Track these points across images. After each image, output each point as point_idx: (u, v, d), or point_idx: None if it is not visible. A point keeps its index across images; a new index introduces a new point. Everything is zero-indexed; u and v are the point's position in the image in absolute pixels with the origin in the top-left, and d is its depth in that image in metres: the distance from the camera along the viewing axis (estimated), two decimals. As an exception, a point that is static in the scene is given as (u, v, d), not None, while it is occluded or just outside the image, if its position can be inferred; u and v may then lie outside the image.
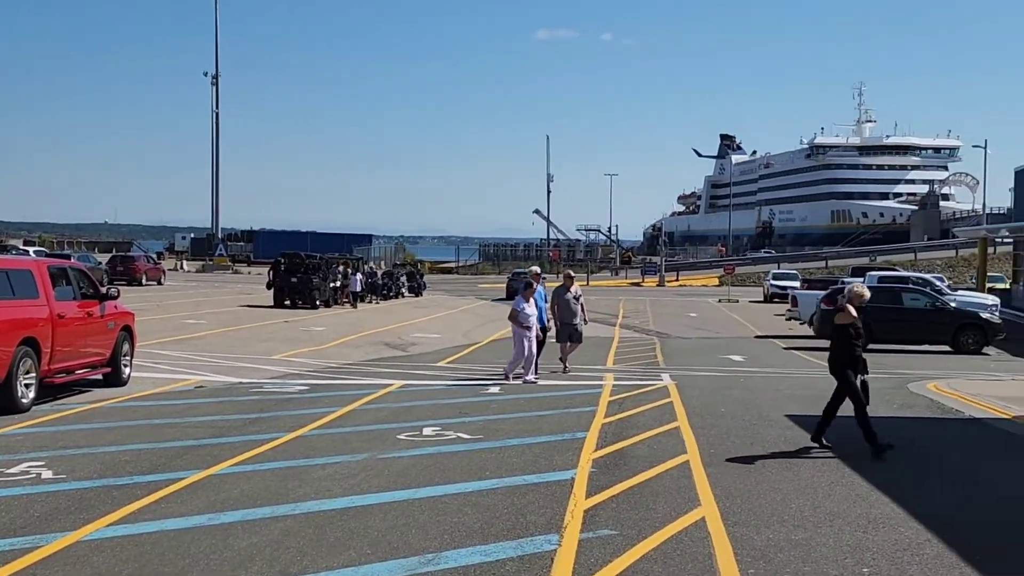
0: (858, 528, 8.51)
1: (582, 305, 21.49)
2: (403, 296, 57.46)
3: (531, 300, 19.89)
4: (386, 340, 29.88)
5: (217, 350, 24.18)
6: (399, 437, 12.53)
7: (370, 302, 48.83)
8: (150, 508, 8.69)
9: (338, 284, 45.40)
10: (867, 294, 12.54)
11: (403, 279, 59.60)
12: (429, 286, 66.24)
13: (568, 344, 21.36)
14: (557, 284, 22.09)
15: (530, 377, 19.14)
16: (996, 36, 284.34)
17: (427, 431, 13.01)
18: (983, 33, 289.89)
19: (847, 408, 15.72)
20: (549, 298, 21.30)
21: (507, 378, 19.24)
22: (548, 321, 20.96)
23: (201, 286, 60.80)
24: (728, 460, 11.42)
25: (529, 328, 19.43)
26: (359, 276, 45.24)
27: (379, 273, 54.45)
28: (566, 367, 21.36)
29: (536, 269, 21.42)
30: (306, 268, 44.50)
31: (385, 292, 53.80)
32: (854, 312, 12.17)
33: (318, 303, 43.69)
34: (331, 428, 13.29)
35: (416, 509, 8.82)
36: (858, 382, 12.16)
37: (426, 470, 10.52)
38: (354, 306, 44.37)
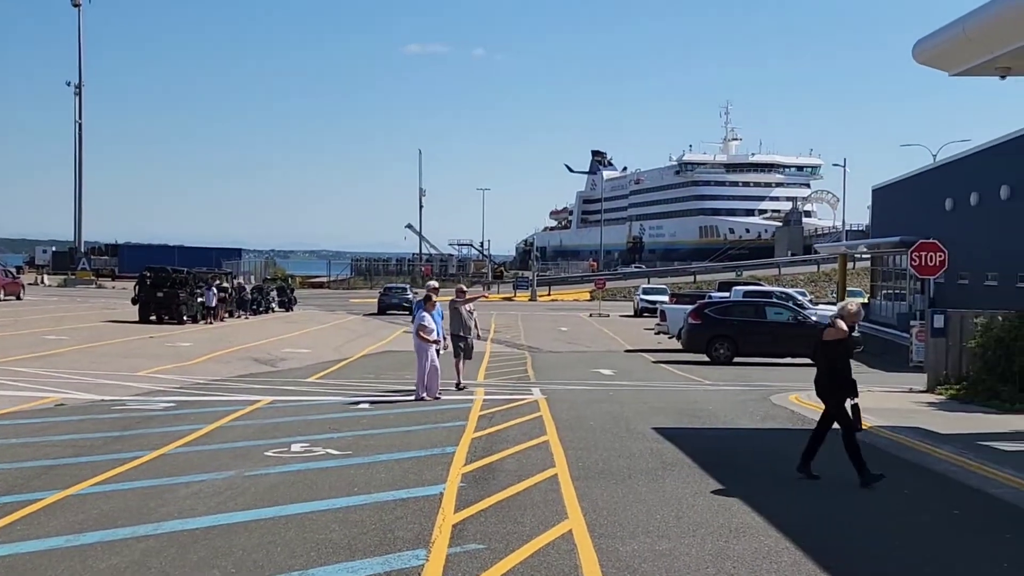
0: (720, 537, 8.72)
1: (475, 320, 21.39)
2: (273, 311, 56.70)
3: (435, 311, 19.49)
4: (255, 356, 29.47)
5: (79, 367, 23.54)
6: (267, 454, 12.38)
7: (238, 317, 47.91)
8: (5, 530, 8.43)
9: (203, 299, 44.32)
10: (861, 313, 11.60)
11: (273, 294, 58.81)
12: (300, 301, 65.50)
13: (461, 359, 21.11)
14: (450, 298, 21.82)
15: (436, 393, 18.82)
16: (857, 60, 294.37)
17: (296, 447, 12.88)
18: (845, 56, 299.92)
19: (715, 420, 16.08)
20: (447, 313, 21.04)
21: (420, 398, 18.62)
22: (445, 339, 20.35)
23: (63, 301, 59.06)
24: (596, 473, 11.57)
25: (434, 343, 18.97)
26: (213, 290, 44.19)
27: (248, 288, 53.53)
28: (460, 383, 20.81)
29: (434, 283, 20.99)
30: (173, 283, 43.63)
31: (255, 307, 52.99)
32: (845, 327, 11.51)
33: (185, 318, 42.85)
34: (197, 446, 13.07)
35: (283, 527, 8.73)
36: (848, 405, 11.46)
37: (294, 487, 10.42)
38: (208, 321, 43.30)
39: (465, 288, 22.08)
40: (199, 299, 43.92)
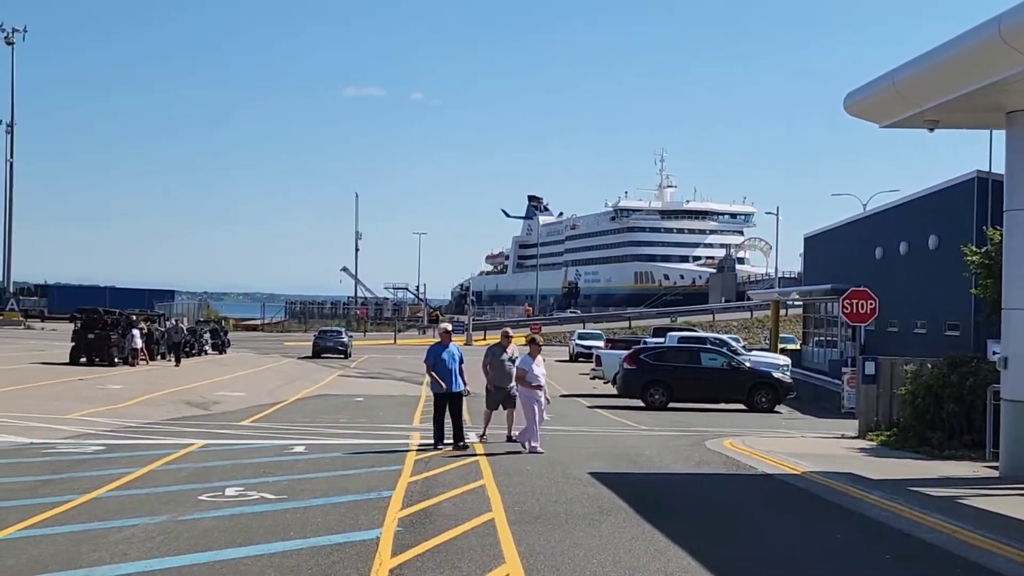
0: (656, 582, 8.76)
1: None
2: (206, 353, 56.05)
3: (538, 359, 18.45)
4: (188, 399, 29.10)
5: (6, 409, 23.08)
6: (200, 498, 12.23)
7: (169, 360, 46.97)
8: (-70, 576, 8.25)
9: (136, 344, 43.48)
10: None
11: (206, 336, 58.15)
12: (234, 343, 64.83)
13: (502, 409, 19.25)
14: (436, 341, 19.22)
15: (536, 445, 17.85)
16: (790, 110, 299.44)
17: (230, 491, 12.74)
18: (778, 106, 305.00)
19: (651, 465, 16.19)
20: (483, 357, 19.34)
21: (524, 447, 17.82)
22: (466, 386, 18.53)
23: (-11, 342, 57.93)
24: (533, 517, 11.57)
25: (539, 388, 18.18)
26: (136, 331, 43.47)
27: (184, 329, 52.82)
28: (484, 434, 19.30)
29: (447, 326, 19.64)
30: (104, 324, 43.01)
31: (187, 349, 52.32)
32: None
33: (116, 360, 42.21)
34: (128, 489, 12.87)
35: (217, 572, 8.63)
36: None
37: (228, 531, 10.30)
38: (129, 363, 42.43)
39: (510, 333, 20.07)
40: (130, 343, 43.22)
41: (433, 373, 18.29)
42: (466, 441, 18.08)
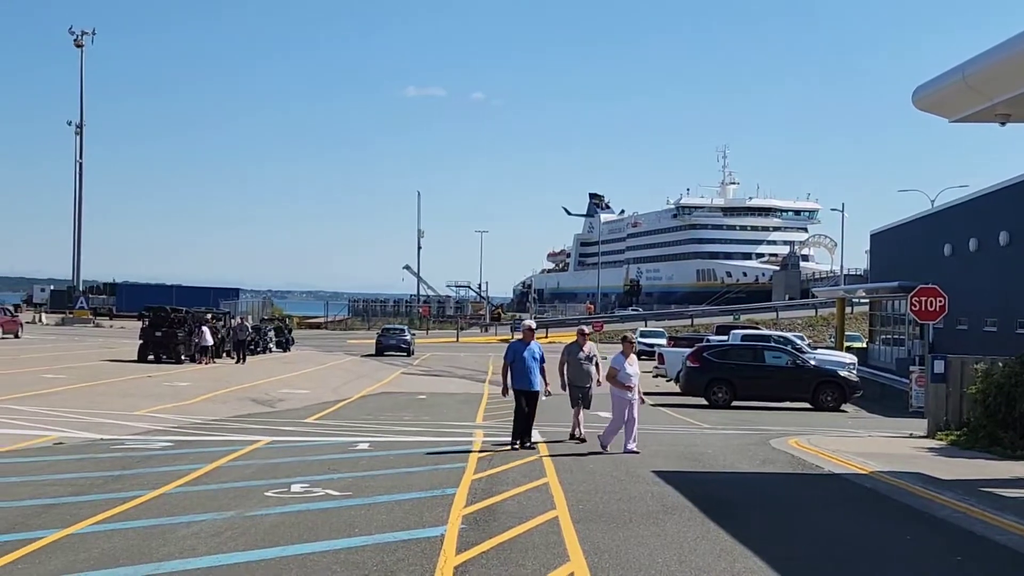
0: (722, 581, 8.68)
1: (597, 365, 19.02)
2: (271, 351, 56.64)
3: (631, 358, 18.03)
4: (253, 396, 29.41)
5: (77, 405, 23.48)
6: (267, 494, 12.34)
7: (236, 359, 47.32)
8: (6, 569, 8.40)
9: (205, 341, 43.96)
10: None
11: (271, 334, 58.75)
12: (298, 341, 65.46)
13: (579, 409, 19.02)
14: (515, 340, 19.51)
15: (632, 446, 17.40)
16: (856, 105, 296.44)
17: (295, 488, 12.84)
18: (844, 101, 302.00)
19: (714, 463, 16.07)
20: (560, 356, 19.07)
21: (605, 449, 17.45)
22: (547, 386, 18.23)
23: (61, 339, 59.00)
24: (596, 516, 11.53)
25: (630, 389, 17.75)
26: (206, 329, 43.93)
27: (248, 327, 53.37)
28: (576, 433, 18.98)
29: (531, 323, 19.08)
30: (171, 322, 43.61)
31: (252, 347, 52.91)
32: None
33: (183, 358, 42.78)
34: (196, 485, 13.03)
35: (284, 568, 8.70)
36: None
37: (294, 528, 10.39)
38: (203, 361, 42.97)
39: (587, 331, 19.60)
40: (196, 339, 43.76)
41: (507, 373, 17.91)
42: (533, 441, 17.80)
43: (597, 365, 18.94)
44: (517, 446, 17.50)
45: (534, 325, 19.17)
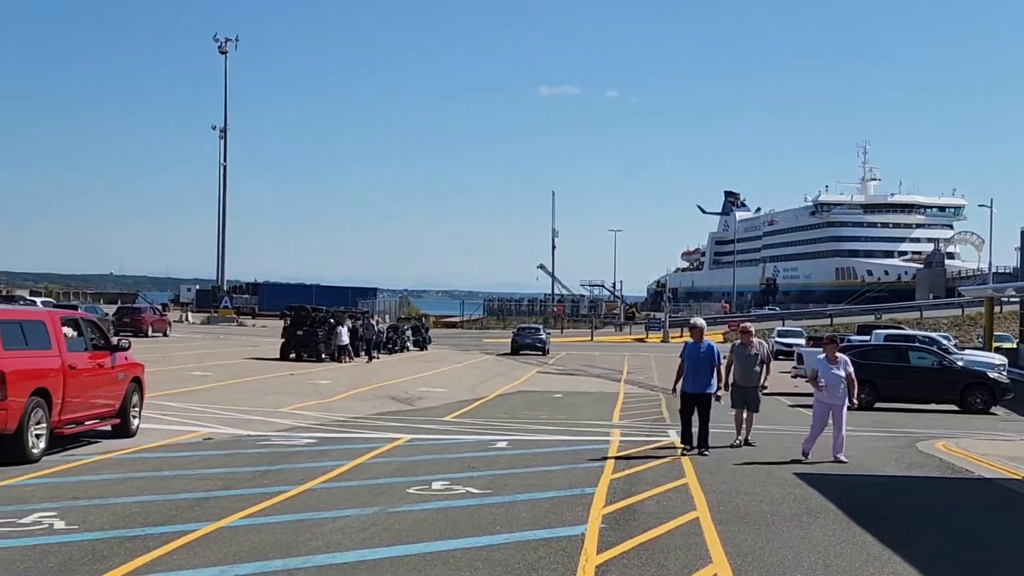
0: (871, 587, 8.50)
1: (766, 366, 18.26)
2: (408, 350, 57.43)
3: (841, 359, 16.93)
4: (392, 394, 29.87)
5: (224, 402, 24.19)
6: (409, 491, 12.53)
7: (375, 357, 47.91)
8: (163, 560, 8.70)
9: (342, 340, 44.70)
10: None
11: (408, 333, 59.57)
12: (434, 340, 66.24)
13: (743, 411, 18.22)
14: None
15: (840, 456, 16.54)
16: (1002, 96, 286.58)
17: (436, 485, 13.01)
18: (989, 93, 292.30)
19: (858, 466, 15.72)
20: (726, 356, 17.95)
21: (805, 457, 16.50)
22: (719, 390, 17.25)
23: (206, 338, 60.84)
24: (738, 517, 11.40)
25: (825, 391, 16.75)
26: (343, 328, 44.64)
27: (383, 327, 54.17)
28: (739, 439, 18.15)
29: (700, 321, 18.01)
30: (312, 321, 44.55)
31: (390, 346, 53.76)
32: None
33: (324, 356, 43.64)
34: (340, 481, 13.30)
35: (428, 564, 8.82)
36: None
37: (437, 524, 10.52)
38: (336, 359, 43.68)
39: (751, 329, 18.73)
40: (336, 338, 44.51)
41: (681, 372, 17.03)
42: (708, 448, 16.83)
43: (766, 365, 18.24)
44: (687, 450, 16.69)
45: (702, 323, 17.85)
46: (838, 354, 17.00)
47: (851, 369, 16.91)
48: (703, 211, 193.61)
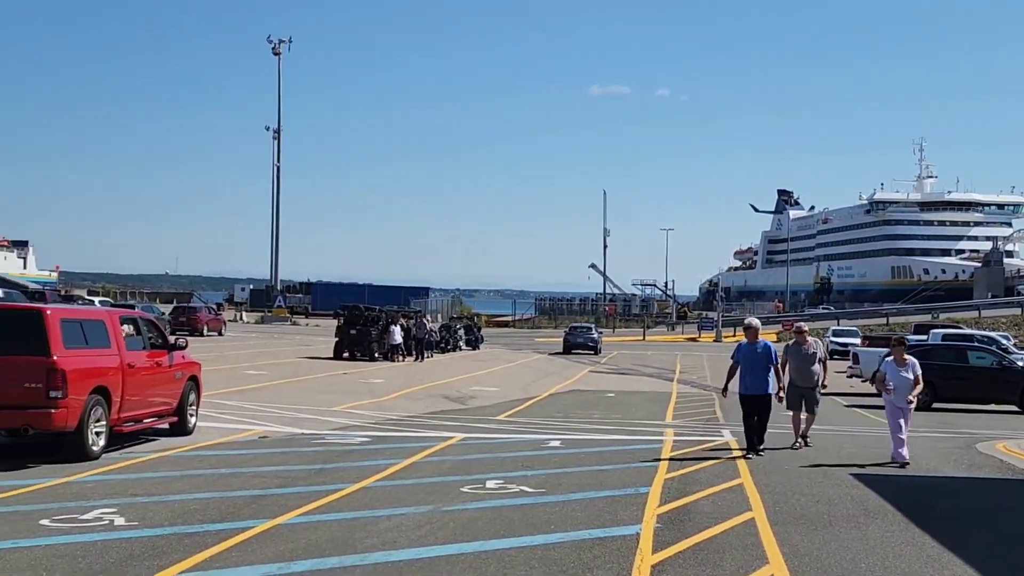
0: (931, 589, 8.39)
1: (824, 365, 17.91)
2: (461, 349, 57.58)
3: (910, 362, 16.39)
4: (445, 393, 29.96)
5: (279, 401, 24.39)
6: (462, 490, 12.55)
7: (420, 357, 47.65)
8: (221, 556, 8.79)
9: (395, 339, 44.82)
10: None
11: (460, 332, 59.72)
12: (486, 339, 66.35)
13: (802, 413, 17.76)
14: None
15: (903, 452, 16.07)
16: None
17: (490, 484, 13.03)
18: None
19: (916, 467, 15.50)
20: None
21: (893, 461, 16.10)
22: (780, 391, 16.73)
23: (260, 337, 61.36)
24: (794, 518, 11.30)
25: (894, 393, 16.27)
26: (396, 328, 44.74)
27: (435, 327, 54.27)
28: (798, 442, 17.70)
29: (753, 322, 17.40)
30: (365, 320, 44.78)
31: (443, 345, 53.91)
32: None
33: (376, 355, 43.86)
34: (394, 480, 13.36)
35: (483, 562, 8.83)
36: None
37: (491, 523, 10.54)
38: (389, 359, 43.81)
39: (805, 328, 18.39)
40: (389, 338, 44.66)
41: (731, 373, 16.84)
42: (764, 449, 16.54)
43: (823, 364, 17.87)
44: (751, 456, 16.29)
45: (757, 323, 17.41)
46: (906, 356, 16.62)
47: (919, 372, 16.46)
48: (756, 210, 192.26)
